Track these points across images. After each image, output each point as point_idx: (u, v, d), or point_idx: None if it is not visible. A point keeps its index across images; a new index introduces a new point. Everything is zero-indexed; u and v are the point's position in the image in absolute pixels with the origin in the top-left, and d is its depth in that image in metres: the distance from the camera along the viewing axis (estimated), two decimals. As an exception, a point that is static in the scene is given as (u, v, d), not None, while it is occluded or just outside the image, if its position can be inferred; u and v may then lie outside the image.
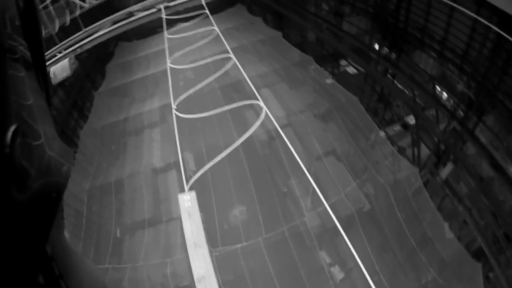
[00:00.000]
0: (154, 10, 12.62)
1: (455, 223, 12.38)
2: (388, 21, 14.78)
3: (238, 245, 9.27)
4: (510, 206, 11.06)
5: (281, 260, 9.15)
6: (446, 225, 9.89)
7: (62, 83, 17.35)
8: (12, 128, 0.51)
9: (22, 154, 0.53)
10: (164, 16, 16.01)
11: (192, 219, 7.98)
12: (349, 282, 9.44)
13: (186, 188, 9.44)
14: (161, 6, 14.70)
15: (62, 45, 16.20)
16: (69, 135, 17.03)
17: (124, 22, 15.61)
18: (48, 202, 0.61)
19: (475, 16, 9.46)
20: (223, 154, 10.01)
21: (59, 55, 15.88)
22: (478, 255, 11.30)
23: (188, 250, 7.84)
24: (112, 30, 14.53)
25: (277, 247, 9.23)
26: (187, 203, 8.12)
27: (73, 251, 0.78)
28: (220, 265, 9.01)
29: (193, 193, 8.40)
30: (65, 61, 15.95)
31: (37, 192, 0.57)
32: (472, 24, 11.03)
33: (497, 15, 9.46)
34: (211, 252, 9.23)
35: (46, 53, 14.23)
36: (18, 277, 0.55)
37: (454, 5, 9.77)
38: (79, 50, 16.38)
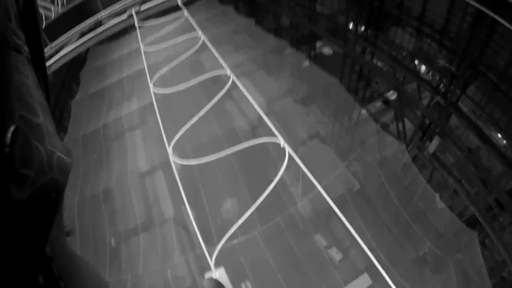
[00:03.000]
0: (124, 17, 11.78)
1: (446, 193, 12.57)
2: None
3: (235, 241, 9.22)
4: (497, 173, 11.26)
5: (279, 249, 9.15)
6: (437, 196, 10.02)
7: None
8: (12, 128, 0.50)
9: (23, 152, 0.52)
10: (137, 25, 15.40)
11: None
12: (348, 262, 9.52)
13: (180, 185, 9.29)
14: (133, 11, 13.68)
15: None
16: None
17: (93, 34, 14.73)
18: (48, 201, 0.60)
19: None
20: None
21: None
22: (472, 223, 11.53)
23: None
24: (81, 44, 13.62)
25: (274, 238, 9.21)
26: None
27: (74, 252, 0.78)
28: (219, 262, 8.99)
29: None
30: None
31: (37, 191, 0.55)
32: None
33: None
34: (209, 252, 9.22)
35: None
36: (17, 277, 0.54)
37: None
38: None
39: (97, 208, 11.31)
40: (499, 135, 11.36)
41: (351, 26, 16.20)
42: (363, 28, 15.65)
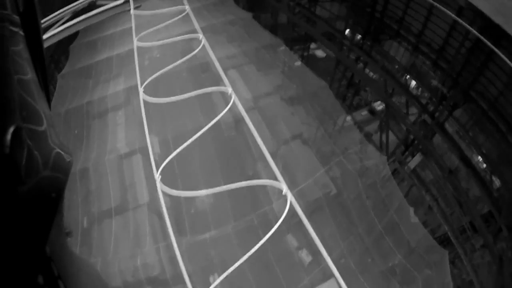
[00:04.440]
0: (120, 1, 11.28)
1: (421, 209, 12.78)
2: (364, 9, 14.73)
3: (207, 234, 9.14)
4: (474, 195, 11.46)
5: (250, 246, 9.09)
6: (411, 210, 10.13)
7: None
8: (12, 128, 0.50)
9: (25, 152, 0.53)
10: (132, 12, 14.98)
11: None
12: (316, 265, 9.53)
13: (156, 174, 9.12)
14: None
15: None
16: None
17: (85, 16, 14.12)
18: (48, 201, 0.60)
19: (455, 17, 9.58)
20: (191, 139, 9.67)
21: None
22: (443, 241, 11.74)
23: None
24: (72, 25, 13.03)
25: (246, 234, 9.16)
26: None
27: (73, 252, 0.78)
28: (189, 254, 8.92)
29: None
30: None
31: (38, 189, 0.56)
32: (452, 23, 11.20)
33: (479, 17, 9.55)
34: (180, 242, 9.12)
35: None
36: (17, 277, 0.55)
37: (435, 3, 9.84)
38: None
39: (72, 187, 11.06)
40: (480, 159, 11.58)
41: (347, 32, 16.28)
42: (359, 36, 15.76)
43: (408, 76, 14.56)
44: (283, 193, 8.72)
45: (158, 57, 13.48)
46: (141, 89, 11.09)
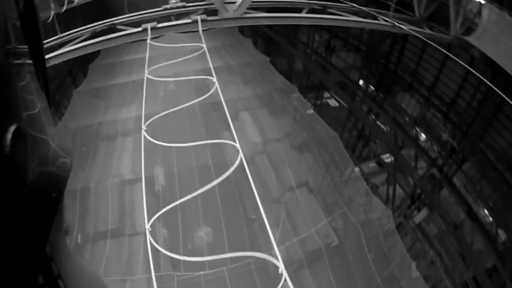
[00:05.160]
0: (139, 29, 11.65)
1: (423, 263, 12.52)
2: (379, 60, 15.05)
3: (201, 272, 8.95)
4: (478, 248, 11.27)
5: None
6: (413, 264, 9.94)
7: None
8: (12, 128, 0.50)
9: (24, 153, 0.53)
10: (149, 41, 15.32)
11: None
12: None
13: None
14: (148, 26, 13.37)
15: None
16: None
17: (104, 38, 14.42)
18: (49, 201, 0.60)
19: (468, 67, 9.86)
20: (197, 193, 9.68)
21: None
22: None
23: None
24: (90, 45, 13.20)
25: (241, 278, 8.96)
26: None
27: (73, 252, 0.78)
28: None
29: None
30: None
31: (38, 191, 0.56)
32: (464, 75, 11.38)
33: (491, 68, 9.75)
34: (173, 277, 8.91)
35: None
36: (17, 277, 0.55)
37: (449, 54, 10.13)
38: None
39: (71, 202, 11.02)
40: (486, 212, 11.48)
41: (361, 82, 16.60)
42: (372, 87, 16.04)
43: (418, 129, 14.66)
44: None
45: (174, 90, 13.72)
46: (143, 127, 11.28)
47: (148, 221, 8.42)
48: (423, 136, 14.65)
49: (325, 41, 18.14)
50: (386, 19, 9.58)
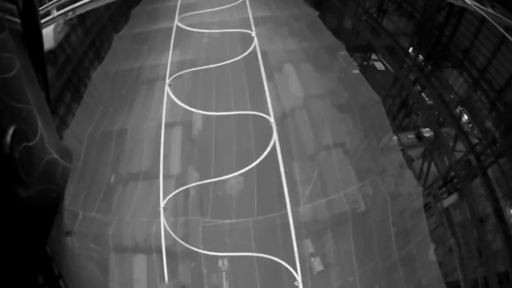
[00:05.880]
0: None
1: (441, 249, 12.37)
2: (432, 31, 14.24)
3: (227, 221, 9.14)
4: (497, 247, 10.99)
5: (265, 242, 9.02)
6: (432, 247, 9.79)
7: (82, 21, 16.75)
8: (12, 128, 0.51)
9: (22, 154, 0.53)
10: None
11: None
12: (325, 276, 9.34)
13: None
14: None
15: (54, 3, 12.50)
16: (80, 76, 16.75)
17: None
18: (49, 201, 0.61)
19: None
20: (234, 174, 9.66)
21: (47, 18, 12.45)
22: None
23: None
24: None
25: (265, 230, 9.09)
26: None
27: (74, 252, 0.82)
28: (205, 236, 8.94)
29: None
30: (50, 29, 12.91)
31: (38, 191, 0.56)
32: None
33: None
34: (199, 222, 9.17)
35: None
36: (17, 277, 0.56)
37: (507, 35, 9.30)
38: (71, 14, 13.09)
39: (107, 144, 11.39)
40: None
41: (410, 51, 15.76)
42: (421, 57, 15.23)
43: (462, 109, 13.97)
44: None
45: (218, 37, 13.47)
46: (167, 82, 11.30)
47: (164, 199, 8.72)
48: (465, 117, 14.00)
49: (377, 2, 17.26)
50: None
